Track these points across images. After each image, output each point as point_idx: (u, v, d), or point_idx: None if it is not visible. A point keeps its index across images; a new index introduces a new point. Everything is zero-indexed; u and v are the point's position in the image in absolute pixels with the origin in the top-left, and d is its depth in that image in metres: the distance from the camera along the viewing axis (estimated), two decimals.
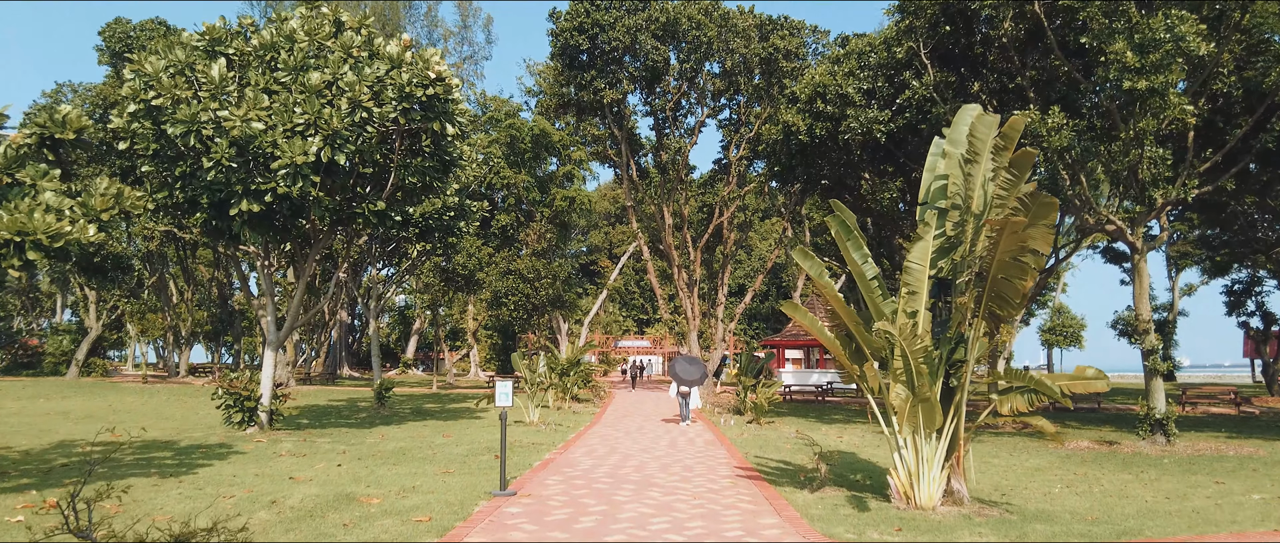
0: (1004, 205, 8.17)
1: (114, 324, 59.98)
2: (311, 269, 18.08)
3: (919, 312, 8.79)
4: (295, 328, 18.13)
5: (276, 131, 15.09)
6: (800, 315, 8.73)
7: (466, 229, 28.14)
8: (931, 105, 18.52)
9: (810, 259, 8.84)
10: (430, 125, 16.66)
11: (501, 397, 9.54)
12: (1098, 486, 11.21)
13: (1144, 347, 15.78)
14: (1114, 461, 13.98)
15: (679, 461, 12.63)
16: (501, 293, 36.77)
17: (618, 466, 11.92)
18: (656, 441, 15.73)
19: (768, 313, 75.34)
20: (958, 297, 8.36)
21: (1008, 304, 8.27)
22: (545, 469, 11.57)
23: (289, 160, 14.79)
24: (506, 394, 9.53)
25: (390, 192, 17.61)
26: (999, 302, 8.34)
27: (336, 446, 15.56)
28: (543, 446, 14.72)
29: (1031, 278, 7.92)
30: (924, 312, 8.85)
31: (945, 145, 9.20)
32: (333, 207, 16.33)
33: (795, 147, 21.66)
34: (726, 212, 37.45)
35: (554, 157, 48.90)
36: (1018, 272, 7.90)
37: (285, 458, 13.68)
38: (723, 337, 38.15)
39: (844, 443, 16.57)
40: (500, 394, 9.54)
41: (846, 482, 10.90)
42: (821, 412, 26.54)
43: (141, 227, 38.14)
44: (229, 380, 17.60)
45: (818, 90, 20.38)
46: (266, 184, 15.24)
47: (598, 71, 31.48)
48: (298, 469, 12.13)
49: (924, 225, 8.91)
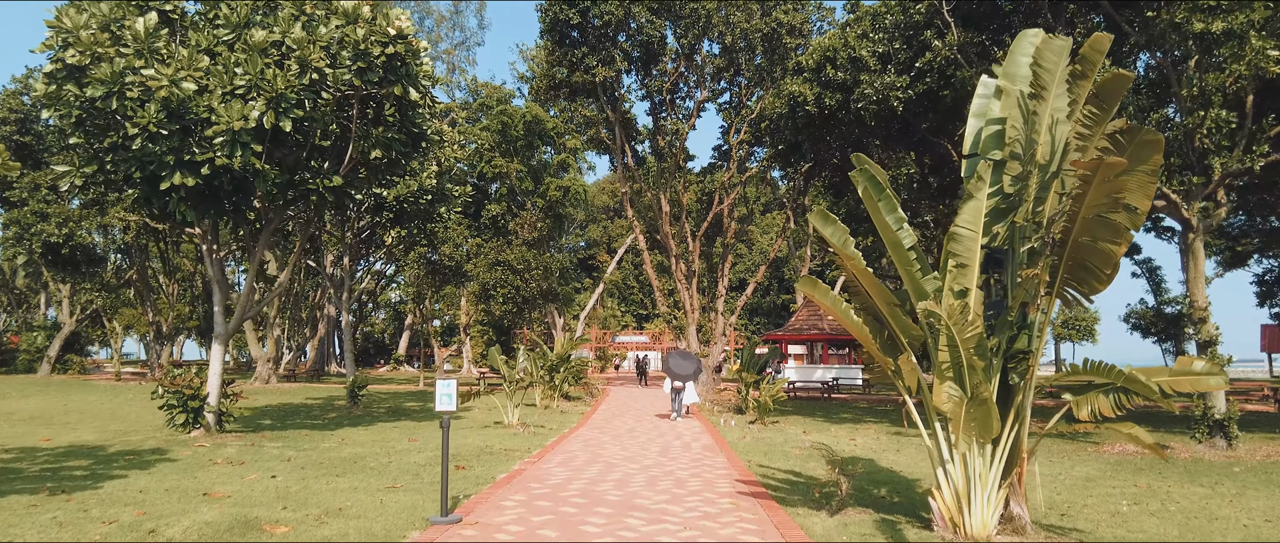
0: (1086, 148, 6.31)
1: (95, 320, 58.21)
2: (262, 254, 16.20)
3: (970, 290, 6.92)
4: (247, 318, 16.24)
5: (213, 95, 13.22)
6: (821, 295, 6.86)
7: (447, 215, 26.40)
8: (955, 69, 16.57)
9: (830, 223, 6.98)
10: (391, 90, 14.77)
11: (442, 399, 7.67)
12: (1171, 502, 9.34)
13: (1199, 338, 13.88)
14: (1174, 469, 12.11)
15: (670, 472, 10.75)
16: (490, 285, 34.83)
17: (596, 479, 10.05)
18: (646, 446, 13.85)
19: (769, 308, 73.49)
20: (1023, 269, 6.48)
21: (1091, 276, 6.40)
22: (509, 484, 9.71)
23: (226, 127, 12.92)
24: (449, 397, 7.66)
25: (349, 165, 15.73)
26: (1080, 274, 6.47)
27: (286, 451, 13.72)
28: (515, 453, 12.85)
29: (1124, 242, 6.05)
30: (975, 290, 6.98)
31: (1000, 82, 7.32)
32: (281, 181, 14.44)
33: (802, 120, 19.68)
34: (727, 199, 35.52)
35: (548, 145, 47.02)
36: (1108, 233, 6.03)
37: (219, 467, 11.85)
38: (723, 331, 36.26)
39: (858, 447, 14.72)
40: (441, 396, 7.67)
41: (871, 500, 9.04)
42: (828, 410, 24.68)
43: (115, 216, 36.31)
44: (171, 378, 15.74)
45: (827, 55, 18.41)
46: (203, 155, 13.37)
47: (590, 49, 29.54)
48: (223, 482, 10.30)
49: (975, 181, 7.02)
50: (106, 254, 42.24)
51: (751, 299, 69.78)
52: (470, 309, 51.86)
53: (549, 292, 38.39)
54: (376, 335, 77.98)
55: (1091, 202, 5.83)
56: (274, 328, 39.69)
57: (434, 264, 36.60)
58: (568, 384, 26.50)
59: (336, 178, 15.12)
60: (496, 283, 34.92)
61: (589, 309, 54.72)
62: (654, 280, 35.30)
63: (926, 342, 7.20)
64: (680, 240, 33.99)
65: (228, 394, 16.71)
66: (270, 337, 38.82)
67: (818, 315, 39.03)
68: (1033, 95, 6.79)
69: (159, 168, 13.46)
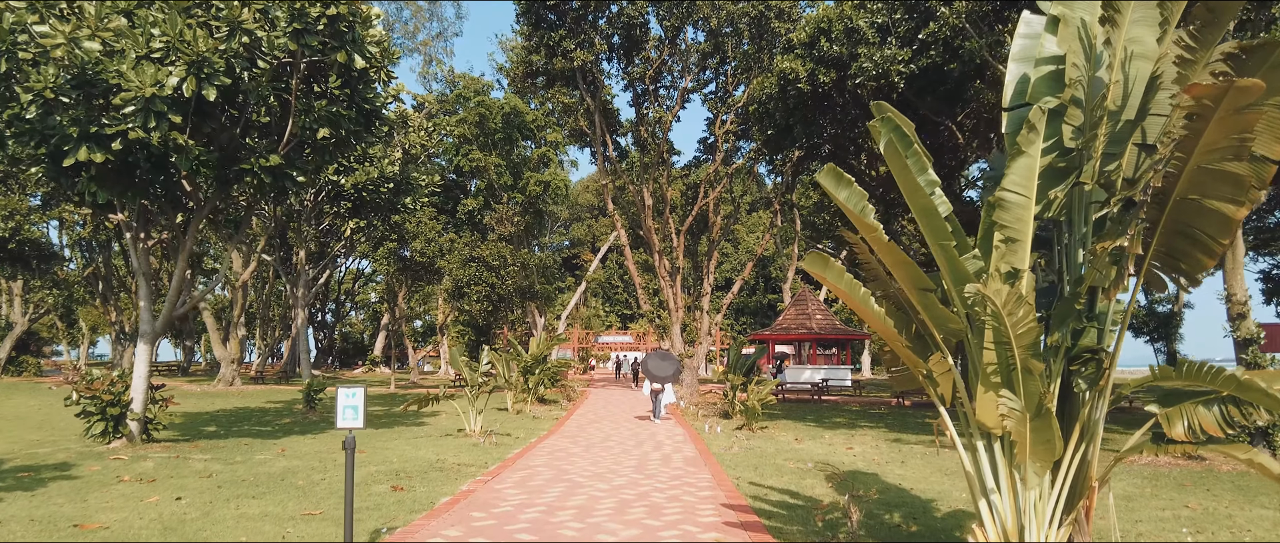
0: (1185, 77, 4.78)
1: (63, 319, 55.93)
2: (191, 243, 14.48)
3: (1022, 271, 5.37)
4: (177, 314, 14.53)
5: (126, 58, 11.52)
6: (835, 277, 5.28)
7: (413, 206, 24.68)
8: (962, 41, 15.07)
9: (845, 184, 5.40)
10: (335, 58, 13.10)
11: (345, 413, 5.98)
12: (1243, 531, 7.85)
13: (1238, 335, 12.43)
14: (1219, 483, 10.64)
15: (644, 495, 9.13)
16: (463, 282, 33.05)
17: (555, 505, 8.43)
18: (621, 459, 12.24)
19: (756, 307, 72.11)
20: (1097, 242, 4.93)
21: (1197, 249, 4.85)
22: (450, 511, 8.08)
23: (137, 93, 11.22)
24: (355, 410, 5.99)
25: (290, 143, 14.04)
26: (1180, 247, 4.92)
27: (211, 465, 12.05)
28: (469, 469, 11.22)
29: (1247, 204, 4.51)
30: (1028, 272, 5.43)
31: (1056, 7, 5.77)
32: (208, 158, 12.74)
33: (793, 100, 18.09)
34: (712, 193, 33.97)
35: (528, 140, 45.33)
36: (1227, 189, 4.48)
37: (122, 486, 10.18)
38: (708, 330, 34.69)
39: (857, 457, 13.20)
40: (343, 410, 5.98)
41: (885, 529, 7.50)
42: (820, 414, 23.17)
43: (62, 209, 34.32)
44: (88, 382, 14.00)
45: (821, 27, 16.84)
46: (113, 127, 11.66)
47: (568, 32, 27.89)
48: (112, 508, 8.64)
49: (1026, 132, 5.44)
50: (60, 250, 40.16)
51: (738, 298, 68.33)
52: (447, 308, 50.14)
53: (527, 290, 36.68)
54: (356, 336, 76.02)
55: (1208, 144, 4.29)
56: (238, 328, 37.76)
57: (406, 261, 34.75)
58: (544, 387, 24.87)
59: (274, 157, 13.43)
60: (470, 280, 33.14)
61: (571, 309, 53.08)
62: (636, 278, 33.70)
63: (964, 339, 5.66)
64: (664, 237, 32.40)
65: (156, 400, 15.00)
66: (234, 337, 36.90)
67: (805, 314, 37.55)
68: (1106, 19, 5.26)
69: (61, 142, 11.73)
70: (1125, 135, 5.41)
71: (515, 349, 25.19)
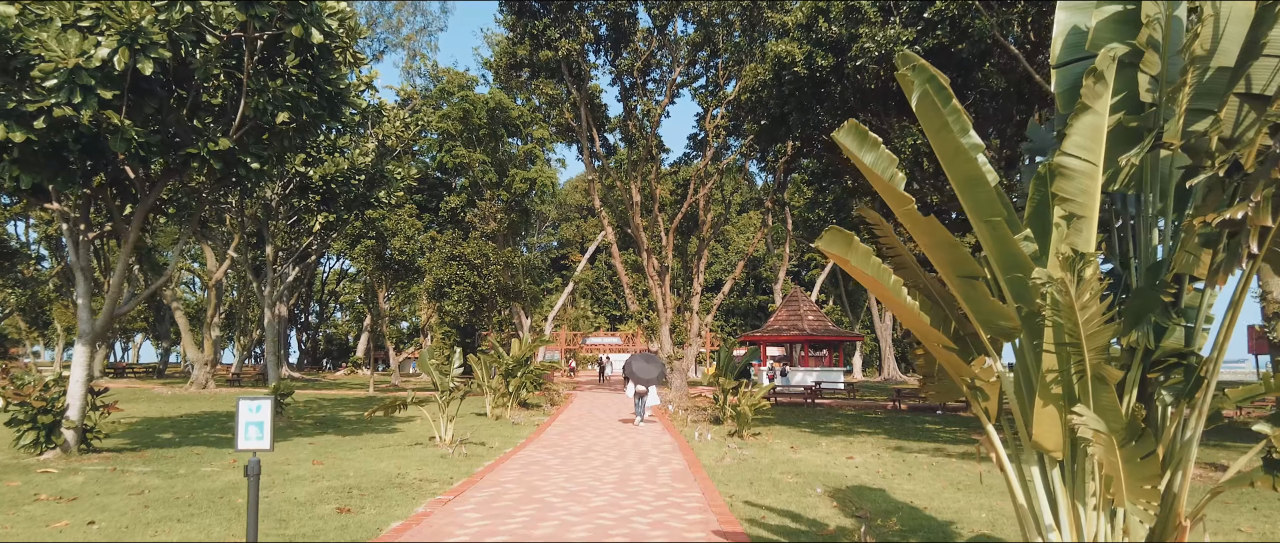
0: None
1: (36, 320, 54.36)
2: (135, 234, 13.29)
3: (1089, 254, 4.30)
4: (121, 314, 13.33)
5: (51, 26, 10.34)
6: (859, 259, 4.19)
7: (388, 199, 23.48)
8: (971, 19, 14.04)
9: (870, 144, 4.34)
10: (289, 32, 11.95)
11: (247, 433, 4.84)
12: None
13: (1275, 337, 11.41)
14: (1272, 504, 9.63)
15: (625, 519, 8.00)
16: (444, 281, 31.83)
17: (520, 532, 7.30)
18: (601, 473, 11.12)
19: (746, 308, 71.12)
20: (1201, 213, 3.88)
21: None
22: (398, 541, 6.94)
23: (59, 64, 10.04)
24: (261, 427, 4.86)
25: (243, 127, 12.86)
26: None
27: (149, 479, 10.87)
28: (431, 485, 10.07)
29: None
30: (1094, 257, 4.36)
31: None
32: (149, 141, 11.55)
33: (789, 86, 17.03)
34: (702, 189, 32.92)
35: (514, 137, 44.17)
36: None
37: (36, 506, 9.01)
38: (698, 332, 33.64)
39: (860, 468, 12.14)
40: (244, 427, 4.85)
41: None
42: (814, 418, 22.13)
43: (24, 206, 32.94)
44: (17, 386, 12.78)
45: (819, 7, 15.79)
46: (35, 103, 10.47)
47: (552, 20, 26.77)
48: (5, 536, 7.47)
49: (1092, 84, 4.36)
50: (25, 247, 38.74)
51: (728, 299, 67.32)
52: (431, 309, 48.88)
53: (512, 290, 35.48)
54: (340, 338, 74.59)
55: None
56: (213, 329, 36.43)
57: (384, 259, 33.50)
58: (526, 390, 23.72)
59: (224, 141, 12.25)
60: (451, 279, 31.91)
61: (558, 309, 51.89)
62: (624, 277, 32.58)
63: (1014, 339, 4.59)
64: (653, 235, 31.31)
65: (97, 406, 13.79)
66: (207, 338, 35.57)
67: (797, 315, 36.55)
68: None
69: None
70: (1218, 86, 4.35)
71: (497, 351, 24.03)
